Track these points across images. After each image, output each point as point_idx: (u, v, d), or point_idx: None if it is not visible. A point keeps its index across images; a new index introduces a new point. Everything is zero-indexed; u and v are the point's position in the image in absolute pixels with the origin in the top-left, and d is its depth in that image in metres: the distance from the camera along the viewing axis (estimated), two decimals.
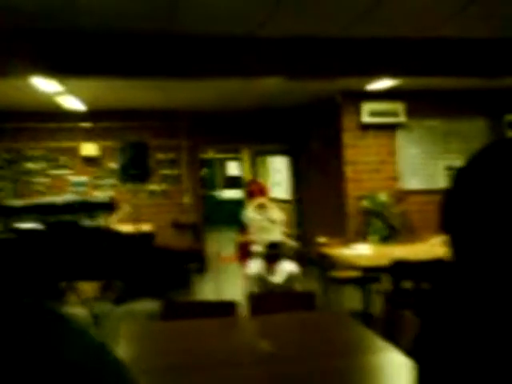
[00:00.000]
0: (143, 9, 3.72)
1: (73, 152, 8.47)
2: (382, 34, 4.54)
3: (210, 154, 14.07)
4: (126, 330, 2.95)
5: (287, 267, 5.31)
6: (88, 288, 5.99)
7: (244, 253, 5.71)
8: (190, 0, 3.54)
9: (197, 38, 4.38)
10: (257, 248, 5.42)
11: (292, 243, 5.65)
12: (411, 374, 0.69)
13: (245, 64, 4.52)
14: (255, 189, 6.02)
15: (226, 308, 3.24)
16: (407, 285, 4.54)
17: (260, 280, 5.24)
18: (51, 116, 8.19)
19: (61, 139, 8.43)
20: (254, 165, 13.96)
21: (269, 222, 5.64)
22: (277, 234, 5.56)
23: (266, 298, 3.93)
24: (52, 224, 5.47)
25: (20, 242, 5.13)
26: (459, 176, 0.67)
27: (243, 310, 3.38)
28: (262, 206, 5.73)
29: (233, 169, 15.40)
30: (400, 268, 4.30)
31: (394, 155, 7.53)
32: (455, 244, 0.66)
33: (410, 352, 2.22)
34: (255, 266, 5.31)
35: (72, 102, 7.08)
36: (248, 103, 8.22)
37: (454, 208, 0.66)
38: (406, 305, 3.46)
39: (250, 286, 5.34)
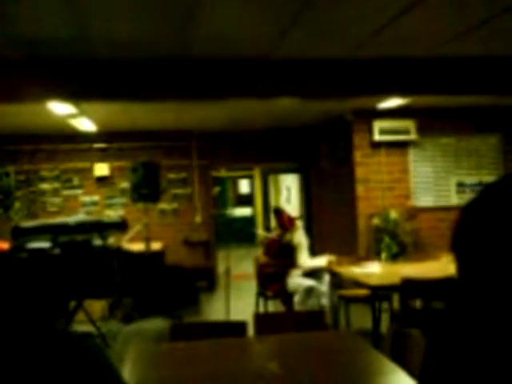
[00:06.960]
0: (155, 37, 3.78)
1: (86, 172, 8.58)
2: (391, 54, 4.56)
3: (222, 173, 14.14)
4: (133, 352, 2.94)
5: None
6: (96, 307, 6.01)
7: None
8: (200, 27, 3.59)
9: (209, 61, 4.41)
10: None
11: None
12: None
13: (257, 85, 4.55)
14: (287, 221, 6.34)
15: (236, 328, 3.23)
16: (418, 304, 4.51)
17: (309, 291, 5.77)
18: (65, 138, 8.32)
19: (75, 160, 8.55)
20: (265, 183, 14.00)
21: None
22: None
23: (275, 317, 3.92)
24: (64, 244, 5.52)
25: (32, 262, 5.17)
26: (474, 203, 0.72)
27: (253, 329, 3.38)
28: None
29: (244, 187, 15.43)
30: (409, 286, 4.27)
31: (406, 173, 7.50)
32: (464, 264, 0.69)
33: (416, 374, 2.20)
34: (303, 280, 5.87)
35: (85, 124, 7.19)
36: (259, 123, 8.27)
37: (467, 229, 0.70)
38: (413, 324, 3.43)
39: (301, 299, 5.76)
